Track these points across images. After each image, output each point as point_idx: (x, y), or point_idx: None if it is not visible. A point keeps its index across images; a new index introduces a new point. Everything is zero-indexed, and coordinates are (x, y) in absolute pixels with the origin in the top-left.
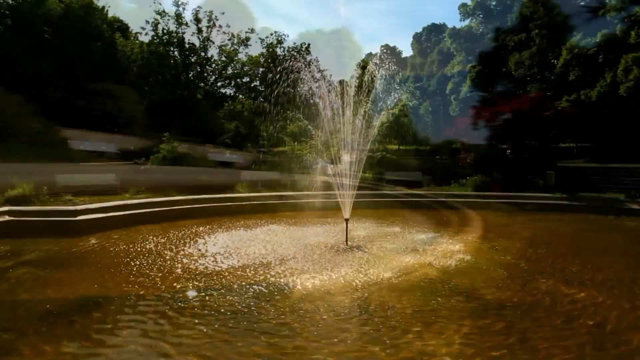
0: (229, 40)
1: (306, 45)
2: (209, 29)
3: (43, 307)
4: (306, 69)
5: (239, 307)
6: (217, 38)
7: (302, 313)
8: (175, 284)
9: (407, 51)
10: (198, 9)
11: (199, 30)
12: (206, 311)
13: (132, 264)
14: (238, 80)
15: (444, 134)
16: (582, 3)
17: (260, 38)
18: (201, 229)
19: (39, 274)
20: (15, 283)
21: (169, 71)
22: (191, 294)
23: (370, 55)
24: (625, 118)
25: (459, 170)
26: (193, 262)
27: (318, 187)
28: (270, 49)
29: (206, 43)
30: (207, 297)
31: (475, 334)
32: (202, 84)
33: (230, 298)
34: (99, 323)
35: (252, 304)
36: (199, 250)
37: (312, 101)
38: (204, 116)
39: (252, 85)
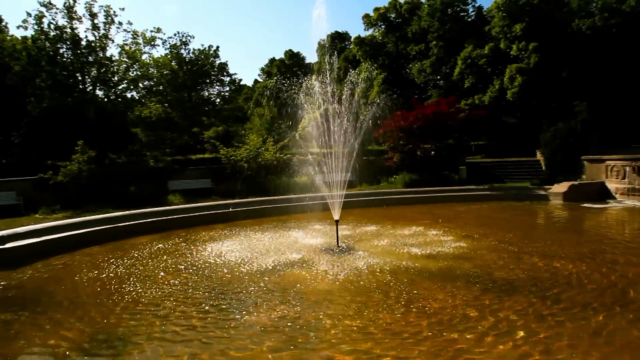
0: (133, 39)
1: (214, 48)
2: (107, 26)
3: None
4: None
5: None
6: (119, 36)
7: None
8: (189, 315)
9: (310, 57)
10: (92, 2)
11: (95, 27)
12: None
13: (114, 293)
14: (144, 83)
15: (362, 136)
16: (470, 20)
17: (161, 39)
18: (162, 245)
19: (21, 318)
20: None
21: (60, 71)
22: (223, 314)
23: (273, 60)
24: (512, 119)
25: (384, 169)
26: (185, 281)
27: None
28: (174, 51)
29: (104, 41)
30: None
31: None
32: (104, 87)
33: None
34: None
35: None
36: (177, 267)
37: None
38: (111, 123)
39: (155, 89)
